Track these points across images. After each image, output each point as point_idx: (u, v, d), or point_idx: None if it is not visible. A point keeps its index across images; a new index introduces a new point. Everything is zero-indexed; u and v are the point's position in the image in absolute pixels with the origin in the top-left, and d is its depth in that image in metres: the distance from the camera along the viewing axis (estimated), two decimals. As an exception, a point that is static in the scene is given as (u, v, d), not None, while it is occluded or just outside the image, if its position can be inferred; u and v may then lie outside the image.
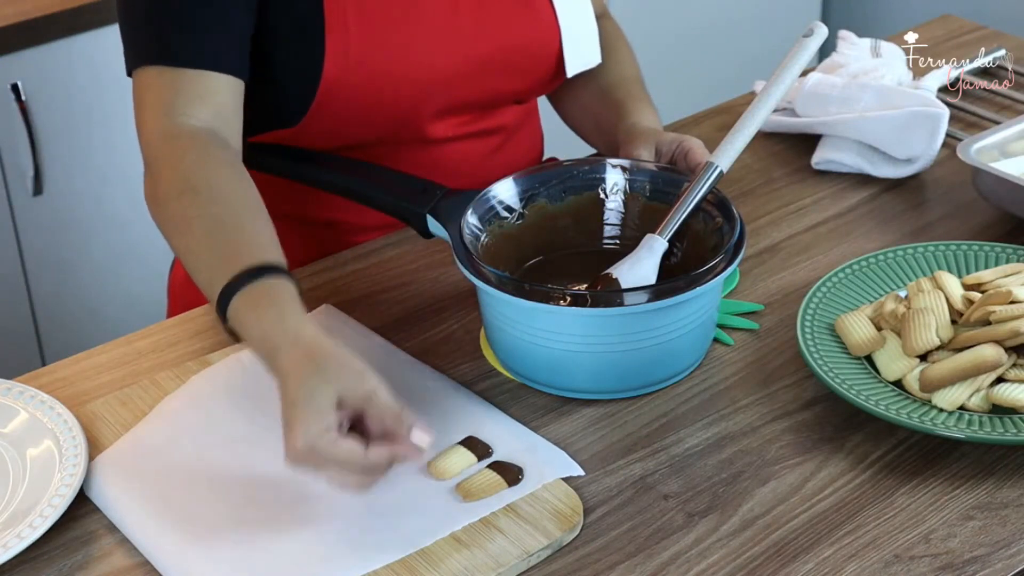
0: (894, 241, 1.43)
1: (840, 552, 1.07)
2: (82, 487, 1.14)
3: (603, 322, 1.18)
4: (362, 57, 1.33)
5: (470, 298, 1.35)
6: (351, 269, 1.44)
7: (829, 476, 1.14)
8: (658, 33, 3.13)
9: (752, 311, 1.34)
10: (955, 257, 1.33)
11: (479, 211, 1.28)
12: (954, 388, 1.16)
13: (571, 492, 1.12)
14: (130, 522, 1.11)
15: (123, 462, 1.17)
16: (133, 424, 1.21)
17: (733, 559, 1.07)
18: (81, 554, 1.10)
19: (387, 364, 1.27)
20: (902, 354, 1.20)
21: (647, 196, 1.32)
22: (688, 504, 1.12)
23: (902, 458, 1.16)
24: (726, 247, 1.20)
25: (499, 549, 1.07)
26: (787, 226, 1.47)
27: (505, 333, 1.22)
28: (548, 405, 1.23)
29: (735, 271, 1.36)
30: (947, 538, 1.08)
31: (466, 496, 1.11)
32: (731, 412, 1.21)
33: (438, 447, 1.17)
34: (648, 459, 1.17)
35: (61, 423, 1.19)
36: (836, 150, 1.56)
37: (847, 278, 1.31)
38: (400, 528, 1.09)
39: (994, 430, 1.13)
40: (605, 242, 1.33)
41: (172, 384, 1.26)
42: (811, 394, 1.23)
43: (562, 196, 1.33)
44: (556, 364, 1.21)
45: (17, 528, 1.09)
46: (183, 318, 1.37)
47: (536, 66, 1.44)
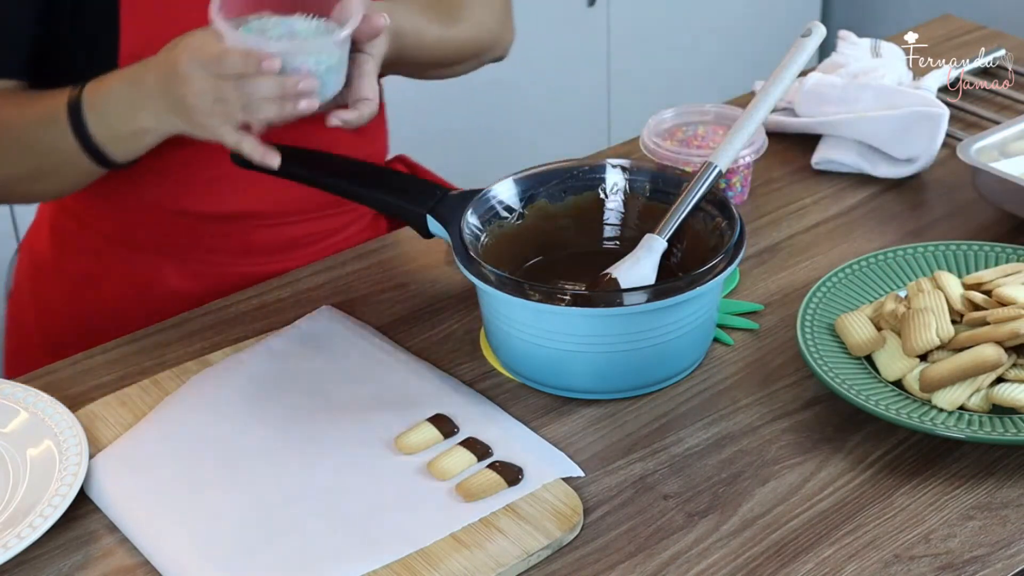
0: (894, 241, 1.43)
1: (840, 552, 1.07)
2: (82, 487, 1.14)
3: (603, 322, 1.18)
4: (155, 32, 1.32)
5: (470, 298, 1.35)
6: (351, 269, 1.44)
7: (829, 476, 1.14)
8: (658, 33, 3.13)
9: (752, 311, 1.34)
10: (955, 257, 1.32)
11: (479, 211, 1.28)
12: (954, 388, 1.16)
13: (571, 492, 1.12)
14: (130, 522, 1.11)
15: (123, 462, 1.17)
16: (133, 424, 1.21)
17: (733, 559, 1.07)
18: (81, 554, 1.10)
19: (387, 364, 1.27)
20: (902, 354, 1.20)
21: (647, 196, 1.32)
22: (688, 504, 1.12)
23: (902, 458, 1.16)
24: (726, 247, 1.20)
25: (499, 549, 1.07)
26: (787, 226, 1.47)
27: (505, 333, 1.22)
28: (548, 405, 1.23)
29: (735, 271, 1.36)
30: (947, 538, 1.08)
31: (466, 496, 1.11)
32: (731, 412, 1.21)
33: (439, 447, 1.17)
34: (648, 459, 1.17)
35: (61, 423, 1.19)
36: (836, 150, 1.56)
37: (847, 278, 1.31)
38: (400, 528, 1.09)
39: (994, 430, 1.13)
40: (605, 242, 1.33)
41: (172, 384, 1.26)
42: (811, 394, 1.23)
43: (562, 196, 1.33)
44: (556, 364, 1.21)
45: (17, 528, 1.08)
46: (183, 318, 1.37)
47: None
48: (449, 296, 1.38)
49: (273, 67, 1.16)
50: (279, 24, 1.22)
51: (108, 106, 1.26)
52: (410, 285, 1.40)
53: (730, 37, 3.25)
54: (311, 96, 1.19)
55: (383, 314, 1.36)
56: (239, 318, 1.37)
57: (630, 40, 3.09)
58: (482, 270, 1.20)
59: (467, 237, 1.24)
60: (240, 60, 1.16)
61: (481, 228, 1.27)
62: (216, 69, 1.17)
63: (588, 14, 2.99)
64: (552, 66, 2.98)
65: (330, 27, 1.22)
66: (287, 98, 1.18)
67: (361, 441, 1.18)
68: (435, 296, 1.38)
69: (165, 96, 1.22)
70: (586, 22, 3.00)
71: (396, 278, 1.42)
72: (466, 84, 2.87)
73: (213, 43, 1.18)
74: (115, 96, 1.26)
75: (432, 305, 1.37)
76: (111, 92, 1.26)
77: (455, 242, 1.24)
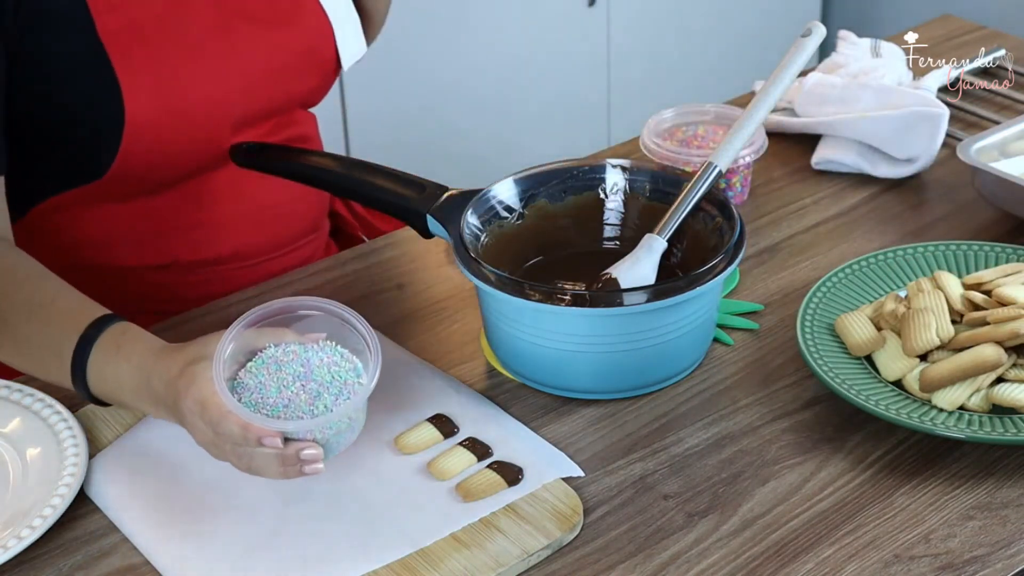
0: (894, 241, 1.43)
1: (840, 552, 1.07)
2: (82, 487, 1.14)
3: (603, 322, 1.18)
4: (156, 91, 1.31)
5: (470, 298, 1.35)
6: (351, 269, 1.44)
7: (829, 476, 1.14)
8: (658, 33, 3.13)
9: (752, 311, 1.34)
10: (955, 257, 1.33)
11: (479, 211, 1.28)
12: (954, 388, 1.16)
13: (571, 492, 1.12)
14: (130, 522, 1.11)
15: (123, 462, 1.17)
16: (133, 424, 1.21)
17: (733, 559, 1.07)
18: (81, 554, 1.10)
19: (387, 364, 1.27)
20: (902, 354, 1.20)
21: (647, 196, 1.32)
22: (688, 504, 1.12)
23: (902, 458, 1.16)
24: (726, 247, 1.20)
25: (499, 549, 1.07)
26: (787, 226, 1.47)
27: (505, 333, 1.22)
28: (548, 405, 1.23)
29: (735, 271, 1.36)
30: (947, 538, 1.08)
31: (466, 496, 1.11)
32: (731, 412, 1.21)
33: (439, 447, 1.17)
34: (648, 459, 1.17)
35: (61, 423, 1.19)
36: (836, 150, 1.56)
37: (847, 278, 1.31)
38: (400, 528, 1.09)
39: (994, 430, 1.13)
40: (605, 242, 1.33)
41: (172, 384, 1.26)
42: (811, 394, 1.23)
43: (562, 196, 1.33)
44: (556, 364, 1.21)
45: (17, 528, 1.08)
46: (182, 318, 1.37)
47: (317, 66, 1.46)
48: (449, 296, 1.38)
49: (275, 444, 1.06)
50: (295, 360, 1.08)
51: (111, 383, 1.16)
52: (410, 285, 1.40)
53: (730, 37, 3.26)
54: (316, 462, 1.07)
55: (383, 314, 1.36)
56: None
57: (630, 40, 3.09)
58: (482, 270, 1.20)
59: (467, 237, 1.24)
60: (239, 431, 1.06)
61: (481, 228, 1.27)
62: (216, 429, 1.07)
63: (588, 14, 2.99)
64: (552, 66, 2.98)
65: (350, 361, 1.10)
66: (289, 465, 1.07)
67: (361, 441, 1.17)
68: (435, 296, 1.38)
69: (170, 414, 1.13)
70: (586, 22, 3.00)
71: (396, 278, 1.42)
72: (466, 84, 2.88)
73: (209, 394, 1.07)
74: (123, 378, 1.14)
75: (432, 305, 1.37)
76: (119, 375, 1.15)
77: (455, 242, 1.24)
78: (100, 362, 1.15)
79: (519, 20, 2.91)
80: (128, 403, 1.15)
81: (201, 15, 1.35)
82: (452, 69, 2.83)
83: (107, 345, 1.15)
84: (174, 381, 1.09)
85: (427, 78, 2.80)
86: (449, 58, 2.81)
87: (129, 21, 1.30)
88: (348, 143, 2.75)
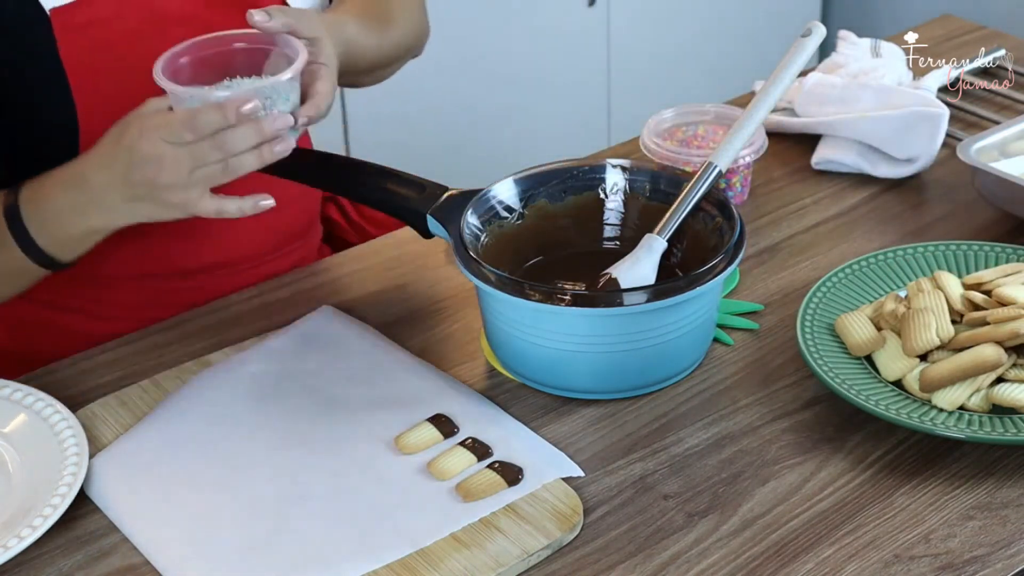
0: (894, 241, 1.43)
1: (840, 552, 1.07)
2: (82, 487, 1.14)
3: (603, 322, 1.18)
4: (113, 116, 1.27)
5: (470, 298, 1.35)
6: (351, 269, 1.44)
7: (829, 476, 1.14)
8: (658, 33, 3.13)
9: (752, 311, 1.34)
10: (955, 257, 1.33)
11: (479, 211, 1.28)
12: (954, 388, 1.16)
13: (571, 492, 1.12)
14: (130, 522, 1.11)
15: (123, 462, 1.17)
16: (133, 424, 1.21)
17: (733, 559, 1.07)
18: (81, 554, 1.10)
19: (387, 364, 1.27)
20: (902, 354, 1.20)
21: (647, 196, 1.32)
22: (688, 504, 1.12)
23: (902, 458, 1.16)
24: (726, 247, 1.20)
25: (499, 549, 1.07)
26: (787, 226, 1.47)
27: (505, 333, 1.22)
28: (548, 405, 1.23)
29: (735, 271, 1.36)
30: (947, 538, 1.08)
31: (466, 496, 1.11)
32: (731, 412, 1.21)
33: (439, 447, 1.17)
34: (648, 459, 1.17)
35: (61, 423, 1.19)
36: (836, 150, 1.56)
37: (847, 278, 1.31)
38: (400, 528, 1.09)
39: (994, 430, 1.13)
40: (605, 242, 1.33)
41: (172, 384, 1.26)
42: (811, 394, 1.23)
43: (562, 196, 1.33)
44: (556, 364, 1.21)
45: (17, 528, 1.08)
46: (182, 318, 1.37)
47: None
48: (449, 296, 1.38)
49: (256, 109, 1.14)
50: (223, 89, 1.19)
51: (48, 213, 1.22)
52: (410, 285, 1.40)
53: (730, 37, 3.25)
54: (286, 135, 1.17)
55: (383, 314, 1.36)
56: (239, 318, 1.37)
57: (630, 40, 3.09)
58: (482, 270, 1.20)
59: (467, 237, 1.24)
60: (216, 114, 1.13)
61: (481, 228, 1.27)
62: (188, 133, 1.13)
63: (588, 14, 2.99)
64: (552, 66, 2.98)
65: None
66: (265, 142, 1.16)
67: (361, 441, 1.18)
68: (435, 296, 1.38)
69: (124, 188, 1.18)
70: (586, 22, 3.00)
71: (396, 278, 1.42)
72: (466, 84, 2.88)
73: (169, 114, 1.14)
74: (56, 203, 1.21)
75: (432, 305, 1.37)
76: (51, 200, 1.21)
77: (455, 242, 1.24)
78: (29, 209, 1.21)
79: (519, 20, 2.91)
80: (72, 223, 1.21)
81: (169, 39, 1.34)
82: (452, 69, 2.83)
83: (29, 196, 1.22)
84: (113, 146, 1.16)
85: (427, 78, 2.80)
86: (449, 58, 2.81)
87: (92, 44, 1.29)
88: (348, 143, 2.75)
